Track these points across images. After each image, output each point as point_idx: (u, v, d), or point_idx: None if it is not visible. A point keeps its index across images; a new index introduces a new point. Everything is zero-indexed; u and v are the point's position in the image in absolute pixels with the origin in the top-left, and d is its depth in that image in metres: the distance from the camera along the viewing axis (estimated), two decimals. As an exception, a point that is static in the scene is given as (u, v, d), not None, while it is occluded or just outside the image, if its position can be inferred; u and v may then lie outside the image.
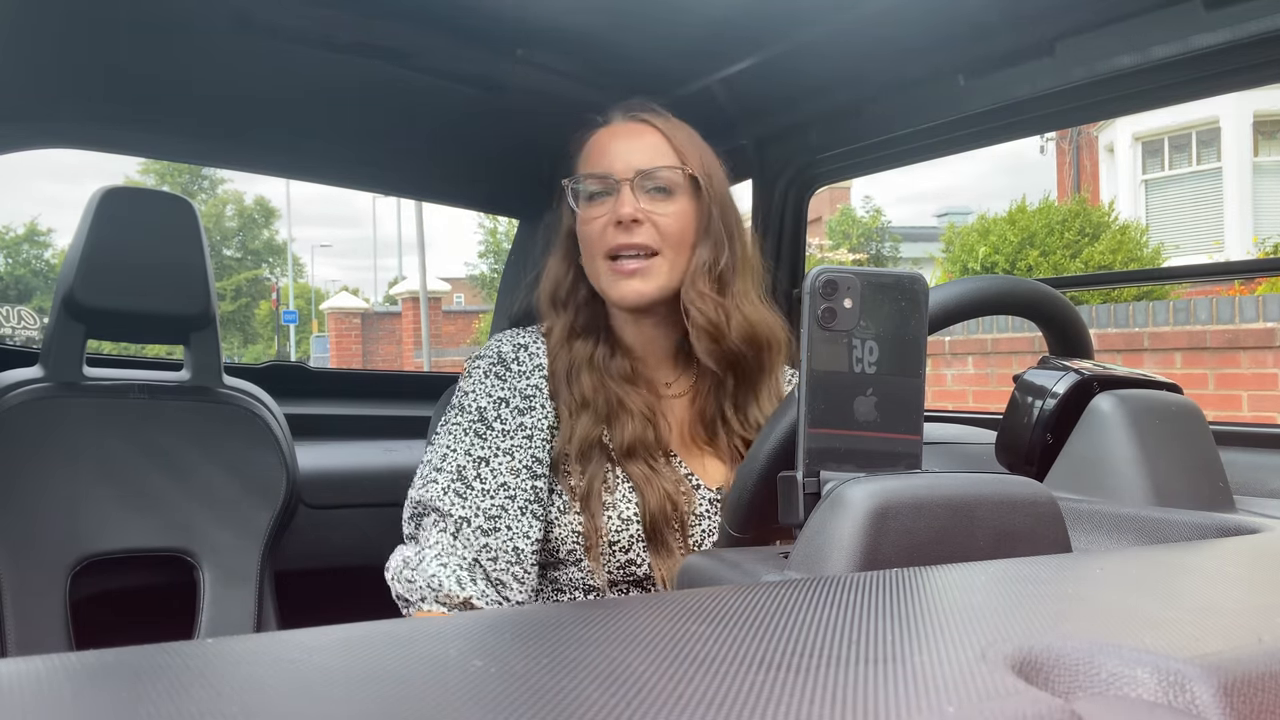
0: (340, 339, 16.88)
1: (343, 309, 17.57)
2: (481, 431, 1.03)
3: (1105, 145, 11.45)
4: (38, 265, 33.00)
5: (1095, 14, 1.17)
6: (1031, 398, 0.76)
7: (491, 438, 1.03)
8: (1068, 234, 8.20)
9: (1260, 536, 0.54)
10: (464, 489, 1.01)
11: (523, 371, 1.07)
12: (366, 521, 1.70)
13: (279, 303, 30.52)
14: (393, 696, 0.24)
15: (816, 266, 0.60)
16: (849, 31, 1.32)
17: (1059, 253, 8.11)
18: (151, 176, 29.18)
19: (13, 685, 0.25)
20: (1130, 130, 10.71)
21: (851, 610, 0.34)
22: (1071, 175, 11.85)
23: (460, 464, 1.02)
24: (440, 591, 0.96)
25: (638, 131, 1.10)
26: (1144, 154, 10.95)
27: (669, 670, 0.27)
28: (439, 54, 1.39)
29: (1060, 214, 8.43)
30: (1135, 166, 10.91)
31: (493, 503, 1.00)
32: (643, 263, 1.04)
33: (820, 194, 1.80)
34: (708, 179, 1.09)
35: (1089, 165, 11.75)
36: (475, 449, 1.02)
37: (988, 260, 8.28)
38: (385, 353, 17.10)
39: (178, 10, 1.25)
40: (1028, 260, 8.12)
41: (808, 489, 0.58)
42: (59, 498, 1.34)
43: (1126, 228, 8.47)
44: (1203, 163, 10.40)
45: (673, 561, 1.01)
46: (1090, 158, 11.76)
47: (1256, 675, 0.27)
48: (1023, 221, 8.34)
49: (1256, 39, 1.05)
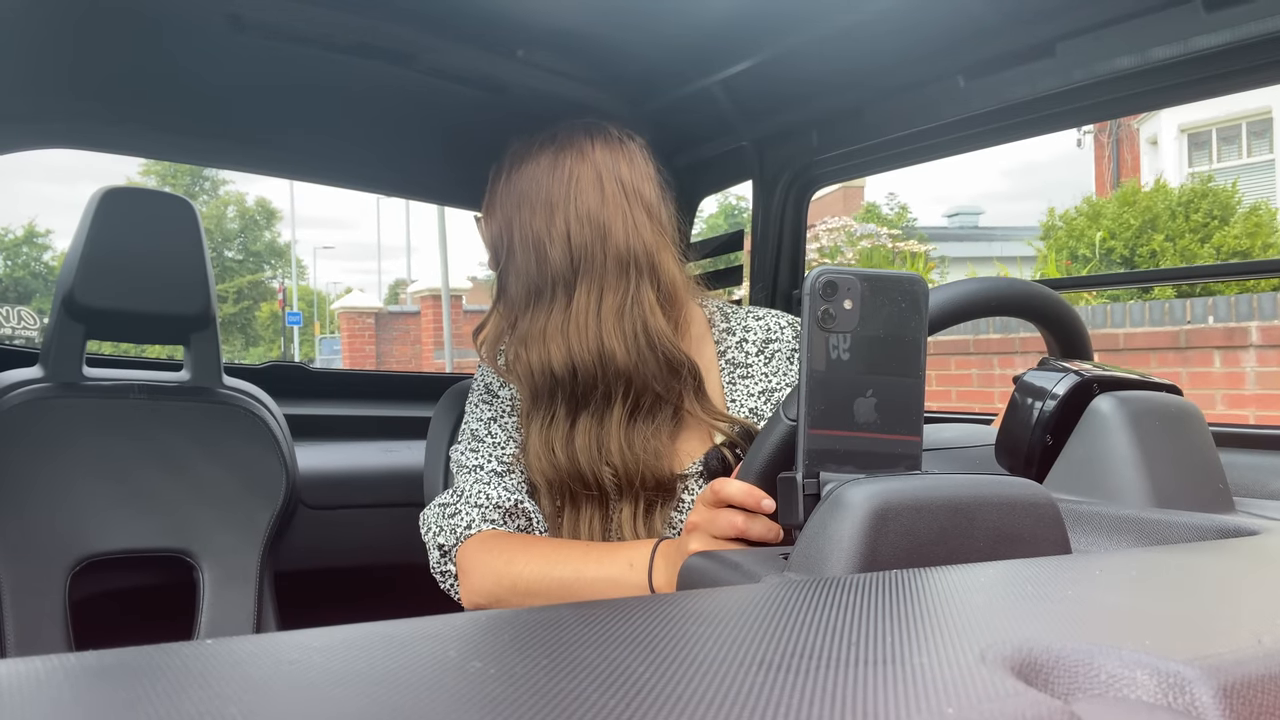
0: (353, 339, 16.35)
1: (355, 309, 16.97)
2: (489, 400, 1.14)
3: (1148, 138, 10.97)
4: (37, 267, 32.95)
5: (1096, 15, 1.16)
6: (1031, 399, 0.76)
7: (498, 404, 1.13)
8: (1194, 216, 7.59)
9: (1260, 538, 0.54)
10: (477, 444, 1.11)
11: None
12: (366, 522, 1.70)
13: (285, 304, 30.38)
14: (392, 697, 0.24)
15: (817, 268, 0.60)
16: (849, 32, 1.32)
17: (1186, 237, 7.46)
18: (153, 178, 29.16)
19: (12, 685, 0.25)
20: (1176, 122, 10.20)
21: (851, 611, 0.34)
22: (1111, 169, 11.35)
23: (473, 428, 1.13)
24: (488, 505, 1.03)
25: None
26: (1190, 146, 10.48)
27: (668, 671, 0.27)
28: (439, 54, 1.39)
29: (1183, 195, 7.80)
30: (1181, 159, 10.43)
31: (506, 451, 1.09)
32: None
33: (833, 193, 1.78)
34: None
35: (1129, 159, 11.21)
36: (484, 413, 1.13)
37: (1104, 246, 7.62)
38: (400, 354, 16.51)
39: (176, 10, 1.25)
40: (1150, 245, 7.48)
41: (807, 490, 0.58)
42: (58, 498, 1.34)
43: (1258, 208, 7.83)
44: (1254, 155, 10.00)
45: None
46: (1131, 151, 11.19)
47: (1256, 677, 0.27)
48: (1143, 202, 7.68)
49: (1257, 40, 1.05)
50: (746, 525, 0.72)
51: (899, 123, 1.48)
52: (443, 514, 1.04)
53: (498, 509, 1.02)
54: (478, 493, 1.03)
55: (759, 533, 0.72)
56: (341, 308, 17.44)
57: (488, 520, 1.01)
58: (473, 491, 1.03)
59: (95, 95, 1.47)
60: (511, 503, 1.02)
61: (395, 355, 16.42)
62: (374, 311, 16.83)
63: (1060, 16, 1.19)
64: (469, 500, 1.03)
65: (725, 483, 0.73)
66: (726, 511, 0.73)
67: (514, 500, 1.02)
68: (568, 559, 0.93)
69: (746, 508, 0.72)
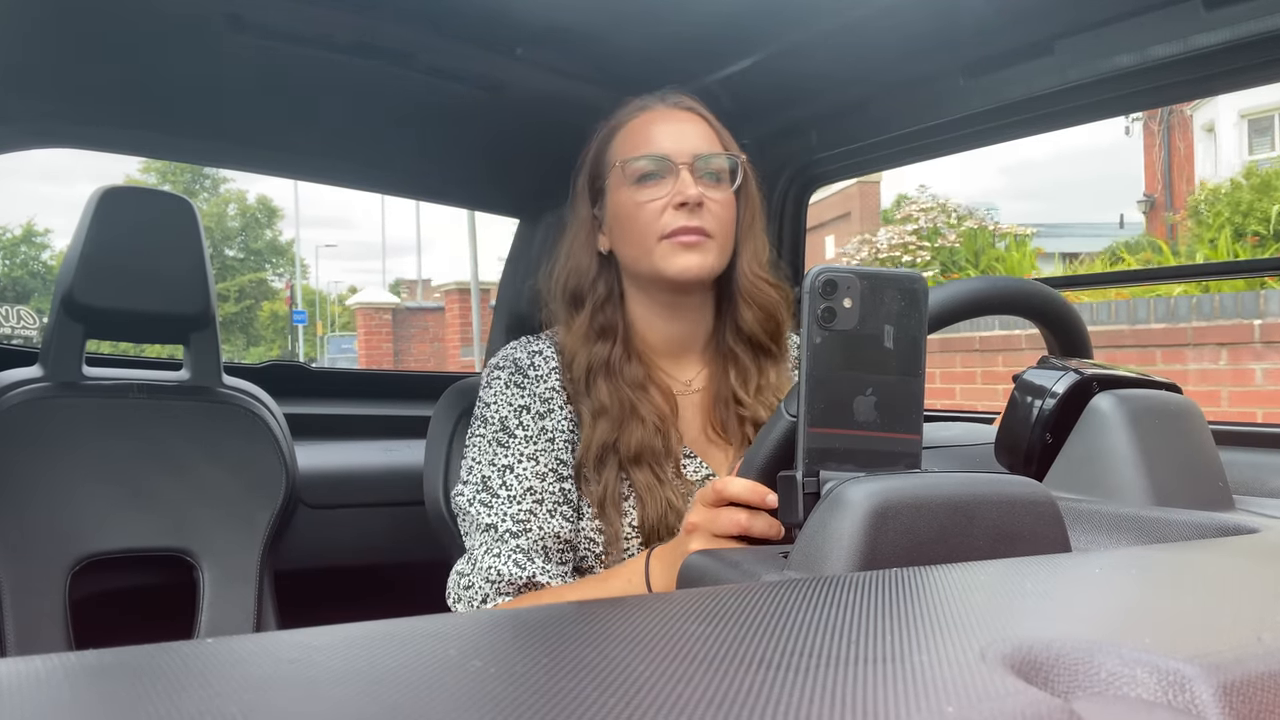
0: (369, 336, 15.43)
1: (372, 304, 16.08)
2: (504, 440, 1.04)
3: (1202, 125, 10.41)
4: (35, 266, 32.85)
5: (1095, 14, 1.16)
6: (1031, 397, 0.76)
7: (514, 445, 1.04)
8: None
9: (1259, 536, 0.54)
10: (489, 498, 1.02)
11: (539, 376, 1.08)
12: (366, 521, 1.70)
13: (294, 301, 30.17)
14: (392, 696, 0.24)
15: (816, 266, 0.60)
16: (849, 30, 1.32)
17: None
18: (153, 175, 29.06)
19: (13, 685, 0.25)
20: (1235, 107, 9.61)
21: (851, 610, 0.34)
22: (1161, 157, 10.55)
23: (485, 474, 1.04)
24: (501, 581, 0.98)
25: (686, 118, 1.10)
26: (1251, 132, 9.92)
27: (668, 670, 0.27)
28: (439, 54, 1.39)
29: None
30: (1241, 146, 9.92)
31: (520, 508, 1.01)
32: (702, 239, 1.05)
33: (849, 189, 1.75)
34: (749, 168, 1.11)
35: (1182, 147, 10.50)
36: (499, 458, 1.04)
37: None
38: (419, 351, 15.49)
39: (176, 10, 1.24)
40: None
41: (807, 489, 0.58)
42: (58, 497, 1.34)
43: None
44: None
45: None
46: (1184, 138, 10.48)
47: (1256, 675, 0.27)
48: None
49: (1256, 39, 1.05)
50: (750, 522, 0.71)
51: (898, 121, 1.48)
52: (459, 584, 1.02)
53: (510, 584, 0.99)
54: (488, 567, 0.99)
55: (761, 529, 0.71)
56: (358, 303, 16.67)
57: (501, 594, 0.99)
58: (484, 565, 1.00)
59: (95, 95, 1.47)
60: (524, 579, 0.99)
61: (414, 353, 15.59)
62: (391, 307, 16.07)
63: (1060, 14, 1.19)
64: (481, 575, 1.00)
65: (728, 481, 0.73)
66: (729, 510, 0.73)
67: (527, 576, 0.99)
68: (571, 596, 0.94)
69: (751, 504, 0.71)
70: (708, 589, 0.40)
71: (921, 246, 8.83)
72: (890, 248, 8.99)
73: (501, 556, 0.99)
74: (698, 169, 1.05)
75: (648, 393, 1.08)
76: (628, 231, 1.07)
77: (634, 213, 1.06)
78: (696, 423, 1.12)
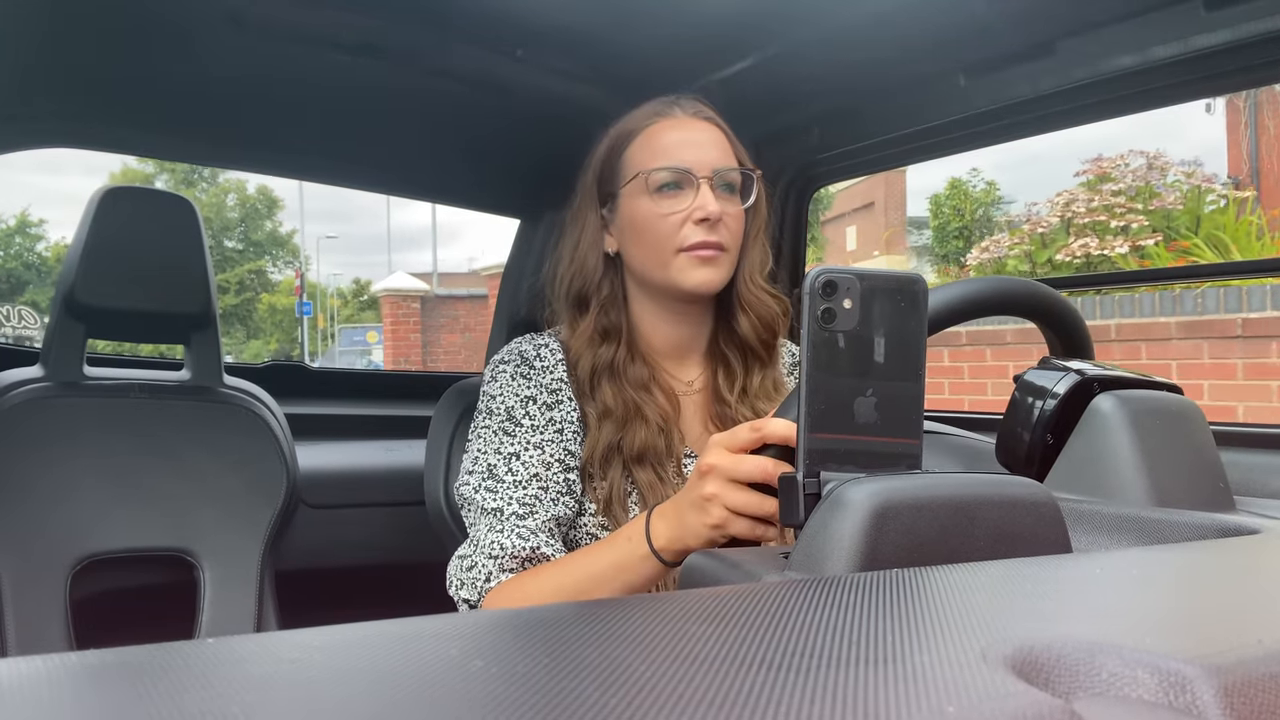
0: (396, 326, 14.11)
1: (400, 290, 14.50)
2: (510, 429, 1.05)
3: None
4: (30, 258, 32.49)
5: (1096, 14, 1.17)
6: (1032, 398, 0.76)
7: (520, 434, 1.05)
8: None
9: (1260, 537, 0.54)
10: (494, 484, 1.03)
11: (546, 367, 1.09)
12: (367, 521, 1.70)
13: (303, 291, 29.84)
14: (393, 696, 0.24)
15: (816, 267, 0.60)
16: (849, 31, 1.32)
17: None
18: (150, 164, 28.92)
19: (13, 685, 0.25)
20: None
21: (852, 611, 0.34)
22: (1248, 138, 9.51)
23: (490, 463, 1.04)
24: (505, 555, 0.98)
25: (705, 128, 1.11)
26: None
27: (669, 670, 0.27)
28: (439, 54, 1.39)
29: None
30: None
31: (525, 493, 1.02)
32: (719, 254, 1.07)
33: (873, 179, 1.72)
34: (762, 182, 1.13)
35: (1273, 127, 9.45)
36: (505, 446, 1.04)
37: None
38: (448, 343, 14.09)
39: (177, 9, 1.25)
40: None
41: (808, 489, 0.58)
42: (59, 497, 1.34)
43: None
44: None
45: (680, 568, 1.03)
46: (1275, 118, 9.44)
47: (1257, 676, 0.27)
48: None
49: (1257, 39, 1.05)
50: (776, 469, 0.69)
51: (900, 121, 1.48)
52: (461, 567, 1.01)
53: (514, 558, 0.99)
54: (491, 543, 0.99)
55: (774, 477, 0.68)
56: (384, 290, 15.24)
57: (505, 570, 0.99)
58: (487, 542, 1.00)
59: (95, 95, 1.47)
60: (528, 550, 0.99)
61: (442, 345, 14.29)
62: (420, 295, 14.62)
63: (1060, 15, 1.20)
64: (484, 551, 1.00)
65: (770, 420, 0.70)
66: (756, 457, 0.71)
67: (530, 547, 0.99)
68: (574, 564, 0.93)
69: (791, 445, 0.69)
70: (709, 589, 0.40)
71: (1131, 209, 7.35)
72: (1089, 211, 7.41)
73: (505, 532, 1.00)
74: (716, 182, 1.06)
75: (651, 393, 1.08)
76: (644, 240, 1.08)
77: (653, 224, 1.07)
78: (697, 422, 1.13)
